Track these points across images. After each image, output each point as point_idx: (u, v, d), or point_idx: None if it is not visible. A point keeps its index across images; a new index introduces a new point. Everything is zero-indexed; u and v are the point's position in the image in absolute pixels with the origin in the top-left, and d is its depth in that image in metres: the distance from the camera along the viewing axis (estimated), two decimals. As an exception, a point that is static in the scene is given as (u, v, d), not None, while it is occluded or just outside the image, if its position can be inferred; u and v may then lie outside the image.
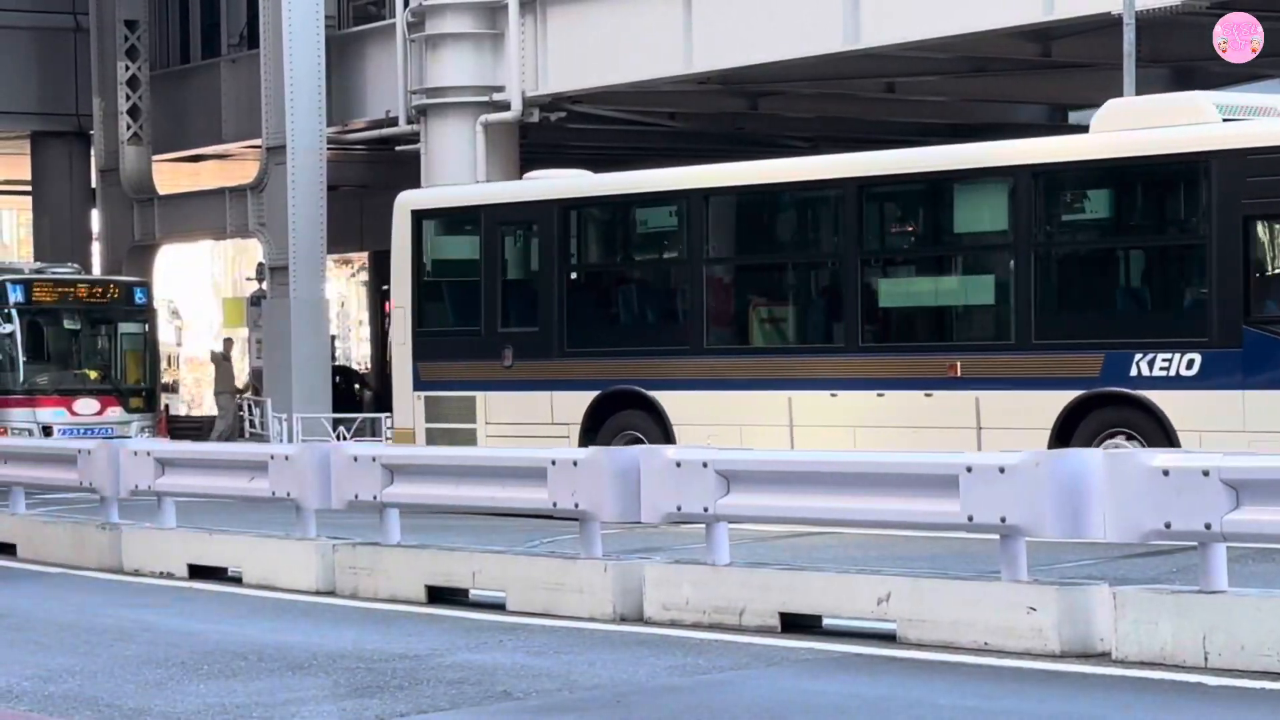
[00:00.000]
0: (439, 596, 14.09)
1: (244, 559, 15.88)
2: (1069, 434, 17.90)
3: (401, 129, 32.95)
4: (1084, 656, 10.64)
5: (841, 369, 19.70)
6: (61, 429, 31.04)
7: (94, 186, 41.37)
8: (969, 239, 19.61)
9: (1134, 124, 18.06)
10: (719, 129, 34.91)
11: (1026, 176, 18.51)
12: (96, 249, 42.04)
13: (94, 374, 32.46)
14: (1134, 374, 17.61)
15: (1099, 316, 18.38)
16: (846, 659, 11.04)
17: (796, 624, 11.97)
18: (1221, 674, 9.95)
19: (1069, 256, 18.96)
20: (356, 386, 47.83)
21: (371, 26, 34.89)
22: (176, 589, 15.68)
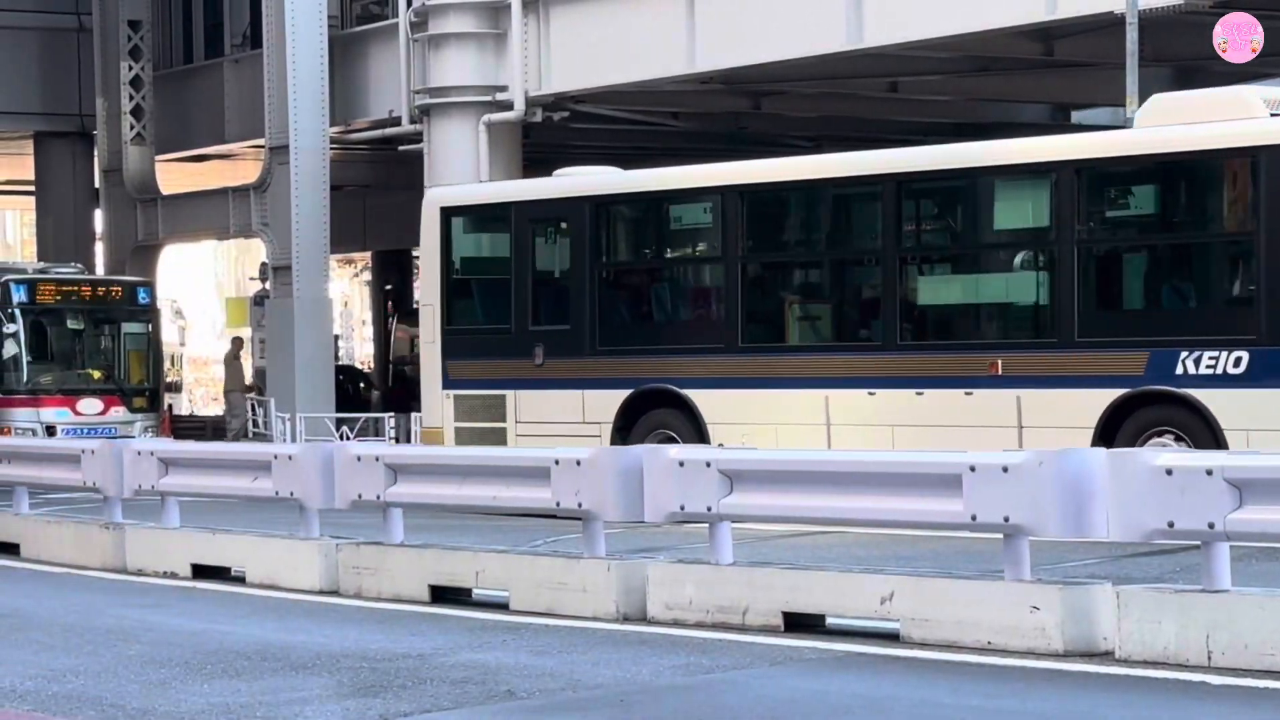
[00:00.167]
0: (442, 596, 14.09)
1: (247, 559, 15.89)
2: (1112, 433, 17.66)
3: (404, 129, 32.93)
4: (1087, 656, 10.64)
5: (880, 367, 19.48)
6: (65, 429, 31.06)
7: (97, 186, 41.35)
8: (1011, 235, 19.36)
9: (1180, 119, 17.82)
10: (721, 129, 34.89)
11: (1070, 172, 18.26)
12: (100, 249, 42.05)
13: (97, 374, 32.48)
14: (1179, 372, 17.37)
15: (1144, 313, 18.16)
16: (850, 658, 11.04)
17: (800, 623, 11.97)
18: (1225, 673, 9.95)
19: (1113, 253, 18.69)
20: (361, 386, 47.85)
21: (374, 26, 34.87)
22: (180, 589, 15.69)
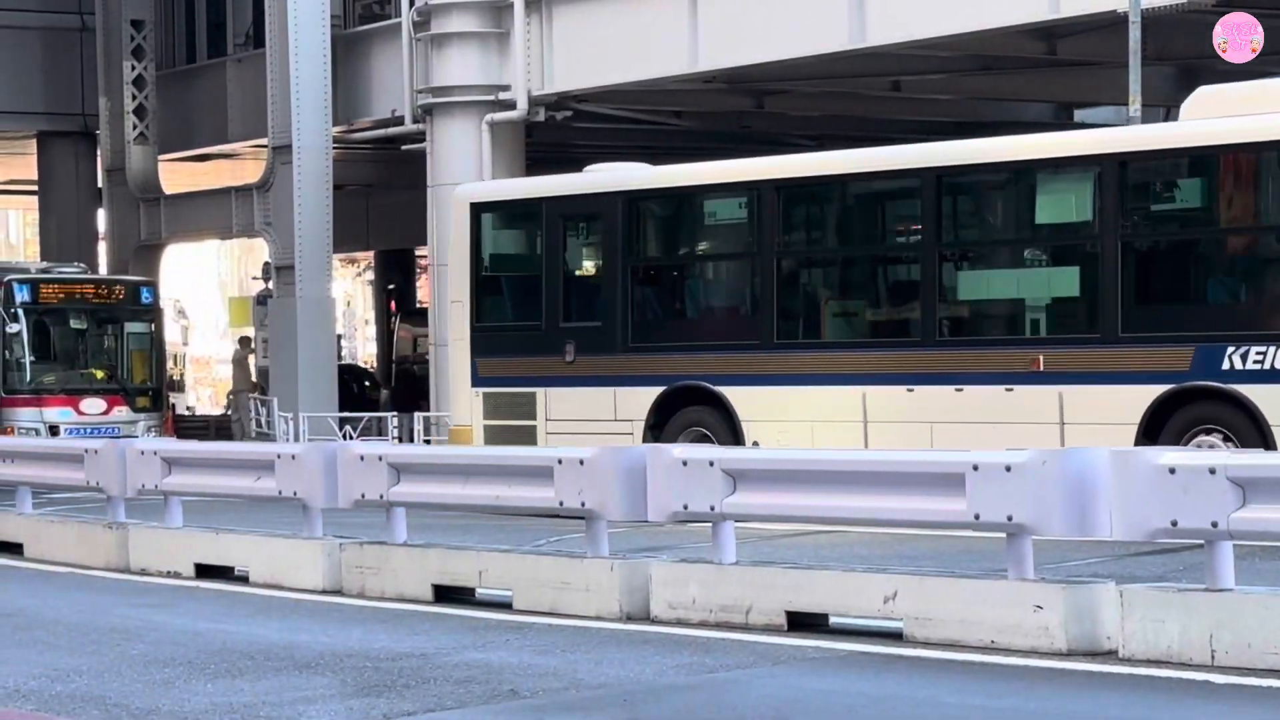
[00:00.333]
0: (446, 595, 14.10)
1: (251, 558, 15.89)
2: (1157, 430, 17.43)
3: (407, 128, 32.95)
4: (1091, 655, 10.64)
5: (918, 363, 19.25)
6: (68, 428, 31.08)
7: (100, 186, 41.39)
8: (1053, 229, 19.06)
9: (1225, 111, 17.69)
10: (724, 128, 34.91)
11: (1114, 165, 18.02)
12: (103, 249, 42.08)
13: (100, 373, 32.50)
14: (1226, 367, 17.12)
15: (1189, 308, 17.89)
16: (853, 657, 11.04)
17: (803, 623, 11.97)
18: (1228, 672, 9.95)
19: (1158, 247, 18.45)
20: (366, 385, 47.83)
21: (377, 26, 34.89)
22: (183, 588, 15.69)
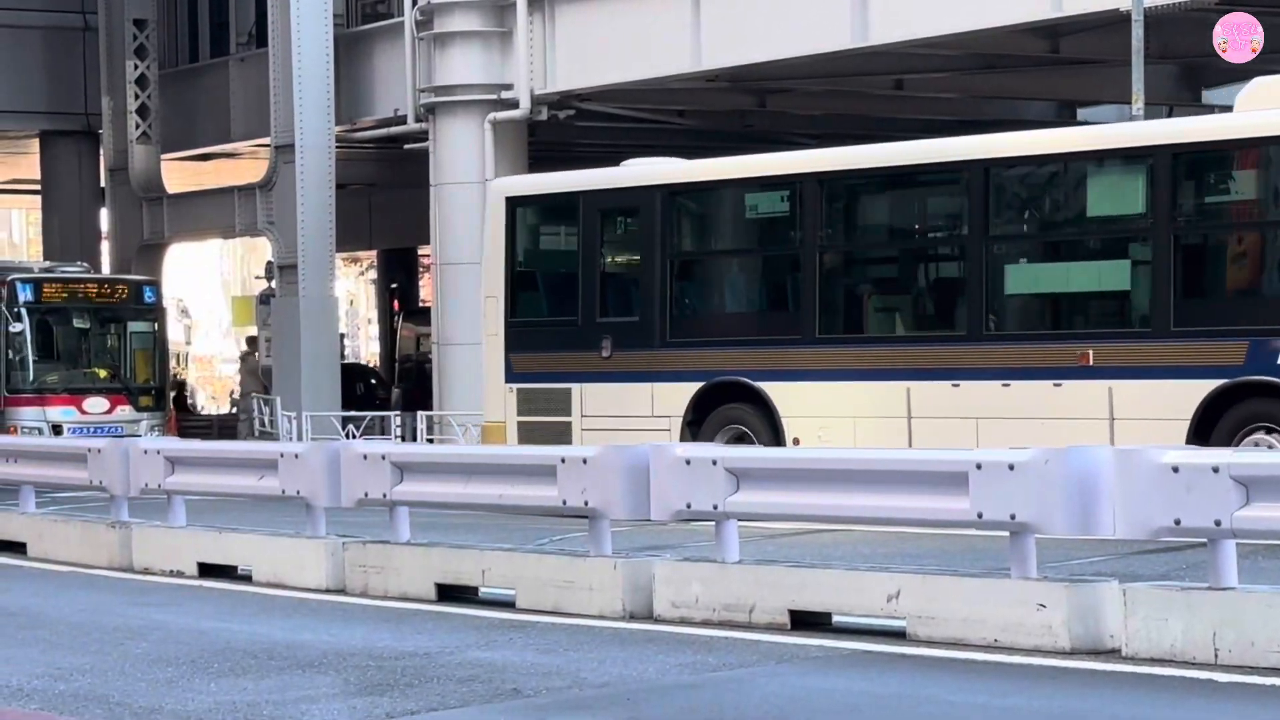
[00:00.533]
0: (449, 594, 14.10)
1: (254, 557, 15.89)
2: (1209, 426, 17.18)
3: (410, 127, 32.96)
4: (1094, 653, 10.64)
5: (964, 358, 18.99)
6: (71, 428, 31.09)
7: (103, 185, 41.42)
8: (1103, 222, 18.79)
9: None
10: (727, 126, 34.91)
11: (1166, 157, 17.75)
12: (105, 248, 42.10)
13: (103, 373, 32.51)
14: None
15: (1243, 301, 17.64)
16: (856, 656, 11.04)
17: (806, 621, 11.96)
18: (1232, 671, 9.94)
19: (1211, 239, 18.18)
20: (373, 381, 47.83)
21: (379, 25, 34.90)
22: (186, 587, 15.70)
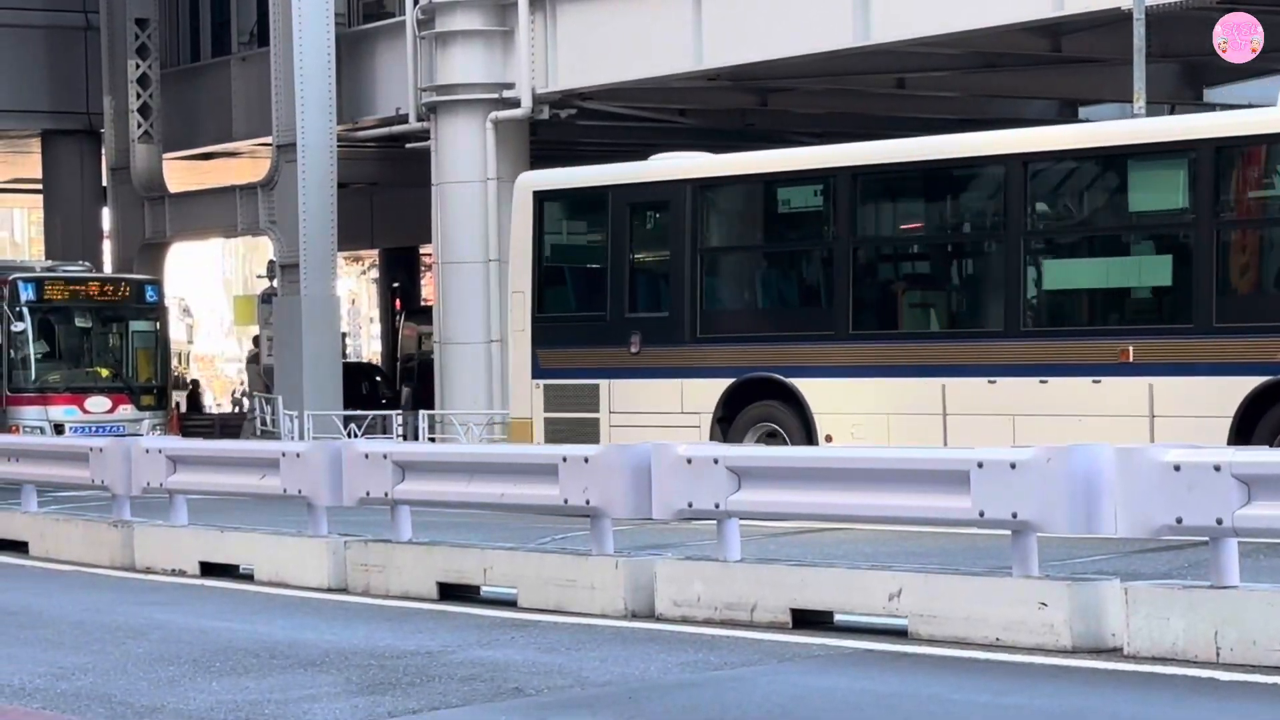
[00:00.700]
0: (450, 593, 14.10)
1: (256, 556, 15.90)
2: (1252, 424, 16.98)
3: (411, 126, 32.97)
4: (1096, 652, 10.63)
5: (1001, 354, 18.78)
6: (73, 427, 31.11)
7: (105, 185, 41.44)
8: (1144, 217, 18.64)
9: None
10: (728, 125, 34.92)
11: (1209, 151, 17.57)
12: (107, 247, 42.12)
13: (105, 372, 32.53)
14: None
15: None
16: (858, 655, 11.04)
17: (808, 620, 11.96)
18: (1233, 669, 9.94)
19: (1254, 234, 17.90)
20: (379, 379, 47.84)
21: (381, 24, 34.92)
22: (188, 586, 15.70)
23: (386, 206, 47.51)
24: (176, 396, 54.93)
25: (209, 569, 16.20)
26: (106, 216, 41.90)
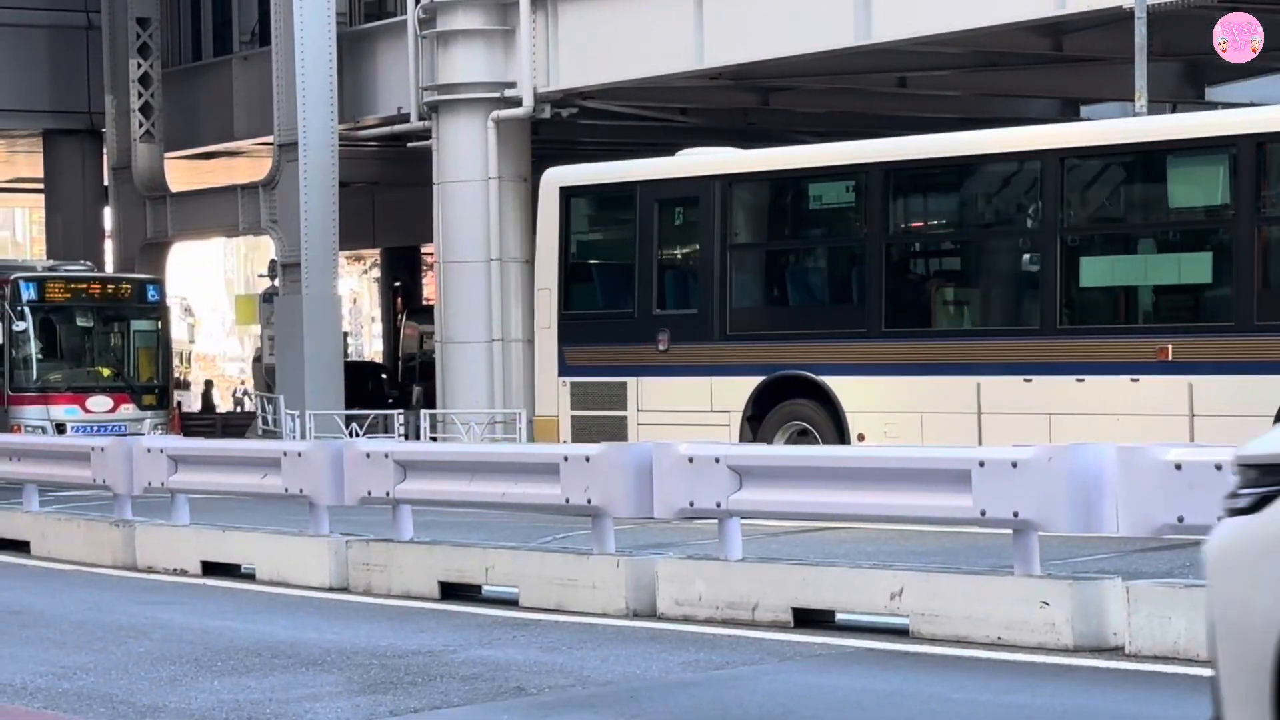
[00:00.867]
0: (452, 593, 14.10)
1: (257, 556, 15.91)
2: None
3: (413, 125, 32.97)
4: (1097, 651, 10.64)
5: (1037, 352, 18.59)
6: (75, 426, 31.11)
7: (106, 184, 41.44)
8: (1183, 213, 18.43)
9: None
10: (730, 124, 34.91)
11: (1250, 146, 17.32)
12: (109, 247, 42.12)
13: (107, 371, 32.55)
14: None
15: None
16: (859, 654, 11.04)
17: (809, 619, 11.97)
18: (1235, 668, 9.93)
19: None
20: (383, 376, 47.84)
21: (383, 23, 34.93)
22: (190, 586, 15.71)
23: (388, 206, 47.52)
24: (190, 396, 55.04)
25: (210, 568, 16.21)
26: (108, 216, 41.90)
